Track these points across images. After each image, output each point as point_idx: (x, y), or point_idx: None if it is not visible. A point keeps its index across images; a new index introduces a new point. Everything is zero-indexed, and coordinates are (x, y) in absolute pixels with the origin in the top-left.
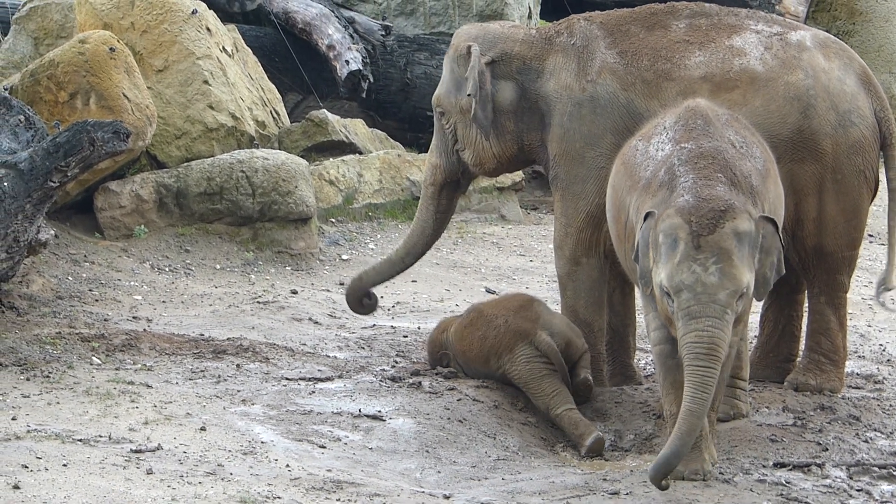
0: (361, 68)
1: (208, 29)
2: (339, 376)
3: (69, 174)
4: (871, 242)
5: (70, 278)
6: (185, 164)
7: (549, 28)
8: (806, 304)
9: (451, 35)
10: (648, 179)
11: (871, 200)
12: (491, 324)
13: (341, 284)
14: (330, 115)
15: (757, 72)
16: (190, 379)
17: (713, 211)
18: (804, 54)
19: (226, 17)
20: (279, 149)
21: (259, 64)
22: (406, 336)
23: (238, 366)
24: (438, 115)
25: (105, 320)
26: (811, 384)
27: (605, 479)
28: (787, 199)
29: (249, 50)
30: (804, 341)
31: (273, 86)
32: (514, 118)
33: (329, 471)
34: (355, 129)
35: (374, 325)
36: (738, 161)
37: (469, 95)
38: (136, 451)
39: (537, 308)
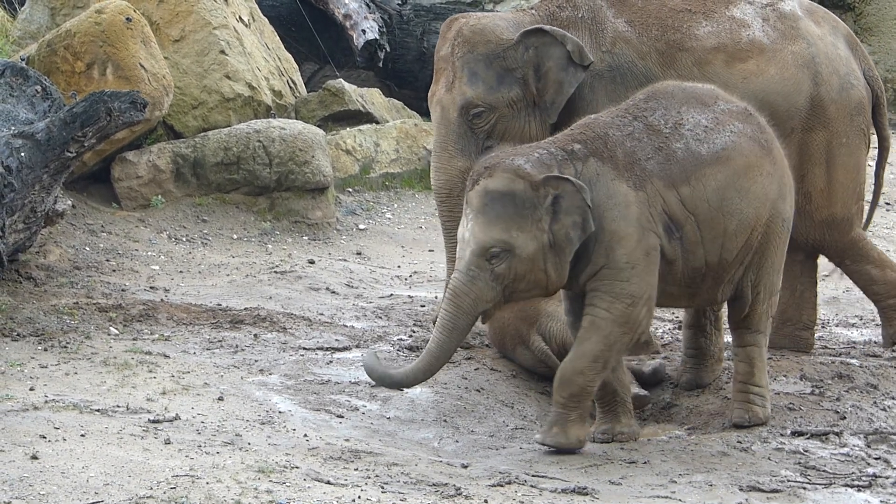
0: (378, 38)
1: None
2: (357, 346)
3: (86, 144)
4: (888, 210)
5: (87, 248)
6: (202, 133)
7: (548, 5)
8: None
9: (468, 4)
10: None
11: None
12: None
13: (358, 254)
14: (346, 85)
15: (764, 43)
16: (207, 349)
17: (478, 170)
18: (800, 23)
19: None
20: (296, 118)
21: (275, 33)
22: (423, 305)
23: (255, 336)
24: (474, 116)
25: (122, 290)
26: None
27: (622, 448)
28: (794, 172)
29: (266, 19)
30: (872, 305)
31: (290, 55)
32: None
33: (347, 440)
34: (372, 98)
35: (392, 294)
36: (627, 141)
37: (591, 63)
38: (153, 422)
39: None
